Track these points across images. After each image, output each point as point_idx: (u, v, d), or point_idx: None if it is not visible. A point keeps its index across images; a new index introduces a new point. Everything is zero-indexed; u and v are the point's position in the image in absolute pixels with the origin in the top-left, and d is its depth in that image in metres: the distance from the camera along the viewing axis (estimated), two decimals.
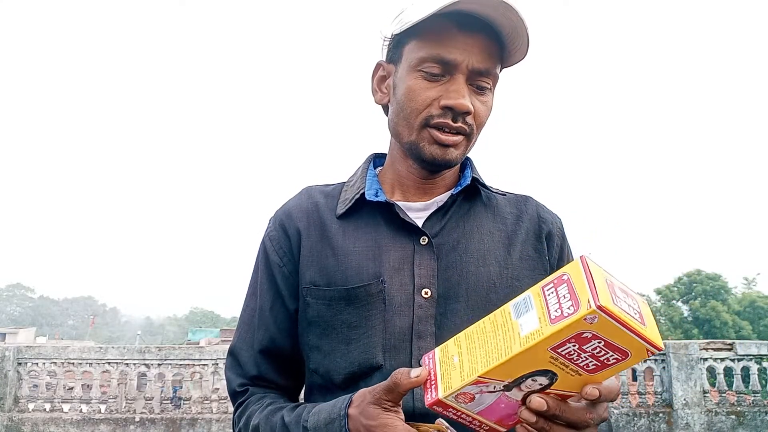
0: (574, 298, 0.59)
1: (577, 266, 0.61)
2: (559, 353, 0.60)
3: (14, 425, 6.43)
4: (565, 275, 0.62)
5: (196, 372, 6.85)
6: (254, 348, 0.98)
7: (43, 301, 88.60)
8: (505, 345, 0.62)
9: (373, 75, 1.01)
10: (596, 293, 0.57)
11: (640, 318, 0.59)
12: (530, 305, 0.63)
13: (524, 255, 0.96)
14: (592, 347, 0.59)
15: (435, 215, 0.96)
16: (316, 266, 0.94)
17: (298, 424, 0.82)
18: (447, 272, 0.91)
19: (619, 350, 0.59)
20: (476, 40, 0.88)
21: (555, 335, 0.58)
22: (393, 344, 0.88)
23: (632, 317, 0.58)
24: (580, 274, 0.60)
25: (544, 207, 1.05)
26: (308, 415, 0.82)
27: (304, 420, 0.82)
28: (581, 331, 0.57)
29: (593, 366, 0.61)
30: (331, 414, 0.78)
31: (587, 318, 0.56)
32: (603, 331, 0.57)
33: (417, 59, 0.90)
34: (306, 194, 1.03)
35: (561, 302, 0.60)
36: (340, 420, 0.76)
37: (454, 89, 0.88)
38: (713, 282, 31.22)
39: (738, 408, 6.75)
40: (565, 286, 0.61)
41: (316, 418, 0.80)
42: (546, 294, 0.62)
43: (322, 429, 0.78)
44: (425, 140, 0.91)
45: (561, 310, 0.59)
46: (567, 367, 0.61)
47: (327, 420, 0.78)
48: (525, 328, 0.61)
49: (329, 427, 0.77)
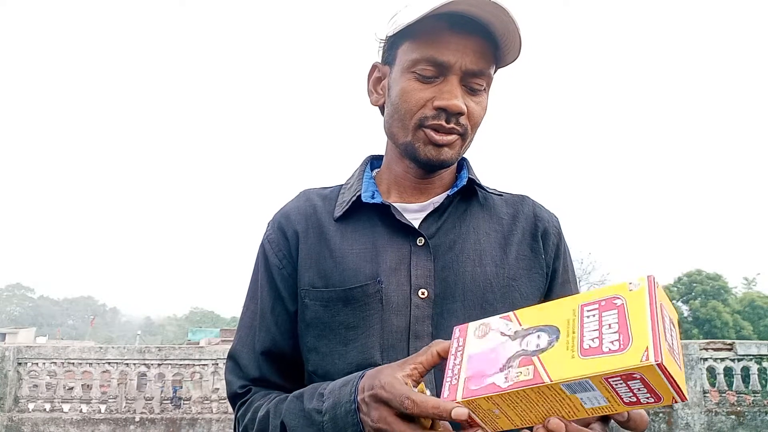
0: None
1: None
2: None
3: (14, 425, 6.44)
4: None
5: (196, 372, 6.86)
6: (255, 350, 0.98)
7: (43, 301, 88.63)
8: None
9: (369, 76, 1.01)
10: (659, 343, 0.51)
11: (680, 362, 0.55)
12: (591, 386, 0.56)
13: (520, 255, 0.96)
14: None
15: (431, 216, 0.96)
16: (314, 268, 0.94)
17: (314, 391, 0.82)
18: (443, 273, 0.92)
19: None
20: (469, 41, 0.88)
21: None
22: (390, 344, 0.88)
23: (677, 364, 0.54)
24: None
25: (541, 206, 1.05)
26: (328, 383, 0.82)
27: (323, 387, 0.81)
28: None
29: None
30: (349, 377, 0.78)
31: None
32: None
33: (410, 61, 0.90)
34: (304, 197, 1.04)
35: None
36: (355, 380, 0.76)
37: (447, 90, 0.89)
38: (713, 282, 31.24)
39: (738, 408, 6.75)
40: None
41: (334, 384, 0.80)
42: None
43: (336, 392, 0.78)
44: (420, 141, 0.92)
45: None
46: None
47: (343, 383, 0.78)
48: None
49: (343, 389, 0.77)
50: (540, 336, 0.61)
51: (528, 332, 0.63)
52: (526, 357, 0.60)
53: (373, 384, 0.71)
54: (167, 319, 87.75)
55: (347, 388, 0.76)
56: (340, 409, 0.75)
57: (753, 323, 29.05)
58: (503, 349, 0.63)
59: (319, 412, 0.78)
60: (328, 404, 0.78)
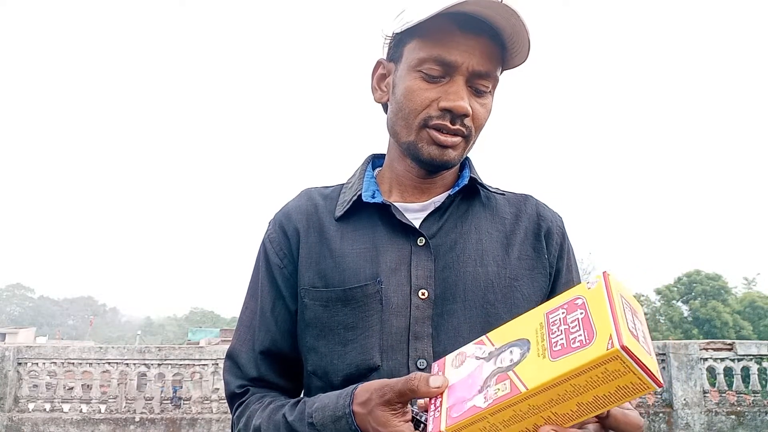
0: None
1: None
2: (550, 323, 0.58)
3: (14, 425, 6.43)
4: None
5: (196, 372, 6.85)
6: (255, 349, 0.97)
7: (43, 301, 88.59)
8: None
9: (374, 73, 1.00)
10: (621, 330, 0.52)
11: (649, 349, 0.56)
12: None
13: (523, 255, 0.95)
14: None
15: (432, 216, 0.95)
16: (315, 268, 0.94)
17: (303, 421, 0.81)
18: (444, 273, 0.91)
19: None
20: (477, 42, 0.87)
21: None
22: (390, 345, 0.87)
23: (646, 351, 0.54)
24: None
25: (544, 205, 1.03)
26: (312, 410, 0.81)
27: (309, 416, 0.81)
28: None
29: None
30: (336, 411, 0.77)
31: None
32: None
33: (417, 59, 0.89)
34: (305, 196, 1.03)
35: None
36: (347, 418, 0.75)
37: (453, 91, 0.88)
38: (713, 282, 31.22)
39: (738, 408, 6.75)
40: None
41: (322, 415, 0.79)
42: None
43: (329, 426, 0.77)
44: (423, 141, 0.91)
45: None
46: (543, 342, 0.59)
47: (333, 417, 0.77)
48: None
49: (337, 424, 0.76)
50: (512, 351, 0.62)
51: (501, 350, 0.63)
52: (502, 373, 0.60)
53: None
54: (167, 319, 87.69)
55: (342, 424, 0.76)
56: None
57: (753, 323, 29.03)
58: (479, 372, 0.64)
59: None
60: None
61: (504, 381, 0.59)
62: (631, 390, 0.55)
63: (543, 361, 0.57)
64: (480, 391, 0.61)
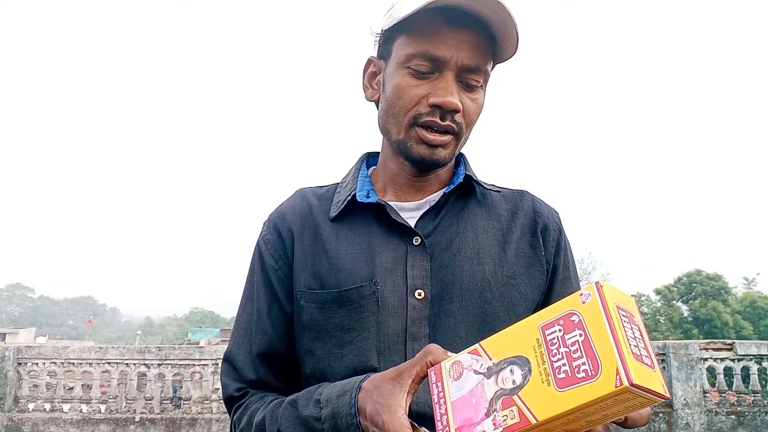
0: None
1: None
2: (547, 341, 0.58)
3: (14, 425, 6.43)
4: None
5: (196, 372, 6.85)
6: (252, 352, 0.96)
7: (43, 301, 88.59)
8: None
9: (364, 71, 0.99)
10: (626, 360, 0.51)
11: (651, 360, 0.55)
12: None
13: (520, 252, 0.94)
14: None
15: (428, 214, 0.94)
16: (310, 270, 0.93)
17: (310, 397, 0.81)
18: (440, 272, 0.90)
19: None
20: (466, 36, 0.86)
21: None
22: (387, 346, 0.87)
23: (649, 367, 0.54)
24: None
25: (540, 201, 1.02)
26: (322, 389, 0.81)
27: (318, 393, 0.80)
28: None
29: None
30: (345, 386, 0.77)
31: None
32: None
33: (405, 56, 0.88)
34: (299, 196, 1.02)
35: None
36: (351, 392, 0.74)
37: (442, 86, 0.86)
38: (713, 282, 31.19)
39: (738, 408, 6.74)
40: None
41: (330, 391, 0.78)
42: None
43: (333, 401, 0.76)
44: (413, 139, 0.90)
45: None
46: (544, 364, 0.58)
47: (340, 392, 0.76)
48: None
49: (341, 399, 0.75)
50: (513, 370, 0.61)
51: (500, 367, 0.63)
52: (507, 397, 0.60)
53: (373, 414, 0.70)
54: (167, 319, 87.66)
55: (345, 399, 0.75)
56: (341, 420, 0.74)
57: (753, 323, 29.02)
58: (482, 391, 0.63)
59: (318, 420, 0.78)
60: (327, 413, 0.77)
61: (511, 407, 0.59)
62: (640, 405, 0.55)
63: (548, 390, 0.56)
64: (487, 414, 0.61)
